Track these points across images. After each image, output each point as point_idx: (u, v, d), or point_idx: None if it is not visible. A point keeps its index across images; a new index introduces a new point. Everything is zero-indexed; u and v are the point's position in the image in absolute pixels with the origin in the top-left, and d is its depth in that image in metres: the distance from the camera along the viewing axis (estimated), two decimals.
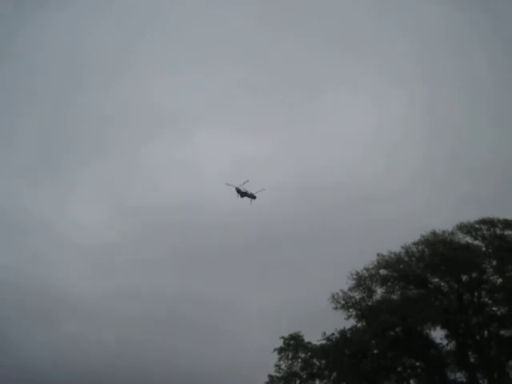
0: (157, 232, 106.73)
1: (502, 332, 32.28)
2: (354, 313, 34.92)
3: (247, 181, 34.04)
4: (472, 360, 32.93)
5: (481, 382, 33.53)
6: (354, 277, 35.05)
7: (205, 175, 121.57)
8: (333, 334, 32.75)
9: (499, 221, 34.10)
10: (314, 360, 34.66)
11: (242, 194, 34.26)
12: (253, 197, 35.32)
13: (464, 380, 33.79)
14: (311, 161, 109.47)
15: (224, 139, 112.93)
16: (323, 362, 33.14)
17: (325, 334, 33.14)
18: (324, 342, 32.97)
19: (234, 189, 34.37)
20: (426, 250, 33.64)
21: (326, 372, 34.33)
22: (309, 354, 34.91)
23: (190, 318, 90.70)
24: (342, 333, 32.37)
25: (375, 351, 30.63)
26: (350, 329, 32.90)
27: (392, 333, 30.69)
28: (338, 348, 31.03)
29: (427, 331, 32.18)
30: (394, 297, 32.64)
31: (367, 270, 34.26)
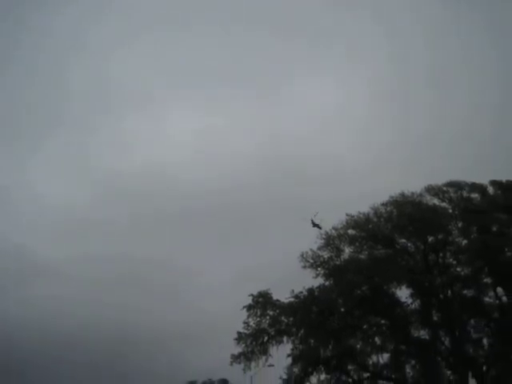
0: (121, 197, 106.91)
1: (464, 292, 33.16)
2: (322, 272, 35.42)
3: (317, 213, 35.28)
4: (435, 319, 33.84)
5: (443, 339, 34.63)
6: (323, 236, 35.44)
7: (169, 144, 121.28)
8: (301, 292, 33.17)
9: (466, 184, 34.68)
10: (282, 317, 35.12)
11: (315, 224, 35.64)
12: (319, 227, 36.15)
13: (427, 337, 34.80)
14: (274, 133, 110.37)
15: (189, 112, 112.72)
16: (291, 319, 33.60)
17: (293, 291, 33.54)
18: (292, 299, 33.40)
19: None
20: (395, 210, 34.05)
21: (294, 329, 34.88)
22: (277, 311, 35.34)
23: (153, 281, 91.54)
24: (310, 291, 32.82)
25: (342, 309, 31.09)
26: (318, 287, 33.38)
27: (359, 291, 31.21)
28: (306, 306, 31.46)
29: (393, 290, 32.88)
30: (362, 256, 33.08)
31: (336, 229, 34.62)
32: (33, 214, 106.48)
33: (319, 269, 35.43)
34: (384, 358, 36.09)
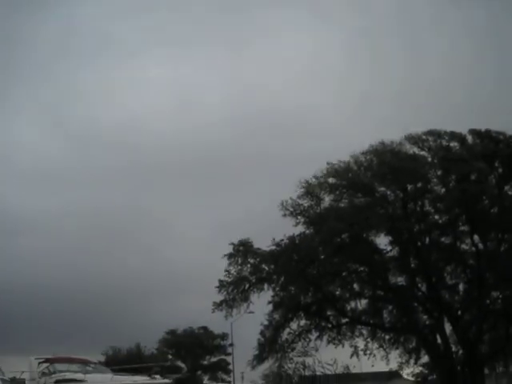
0: (96, 148, 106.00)
1: (442, 239, 33.79)
2: (302, 220, 35.77)
3: None
4: (412, 265, 34.56)
5: (420, 285, 35.46)
6: (303, 185, 35.55)
7: (144, 94, 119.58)
8: (282, 240, 33.54)
9: (446, 132, 34.76)
10: (263, 265, 35.64)
11: None
12: None
13: (404, 284, 35.61)
14: (250, 84, 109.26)
15: (166, 63, 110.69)
16: (272, 267, 34.09)
17: (274, 239, 33.92)
18: (273, 247, 33.80)
19: None
20: (375, 159, 34.14)
21: (275, 277, 35.45)
22: (258, 259, 35.83)
23: (129, 233, 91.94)
24: (291, 239, 33.18)
25: (322, 257, 31.48)
26: (299, 235, 33.75)
27: (339, 239, 31.62)
28: (287, 253, 31.82)
29: (372, 238, 33.40)
30: (342, 205, 33.35)
31: (316, 178, 34.75)
32: (4, 165, 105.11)
33: (299, 217, 35.71)
34: (362, 304, 36.99)
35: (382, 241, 33.81)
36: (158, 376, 27.87)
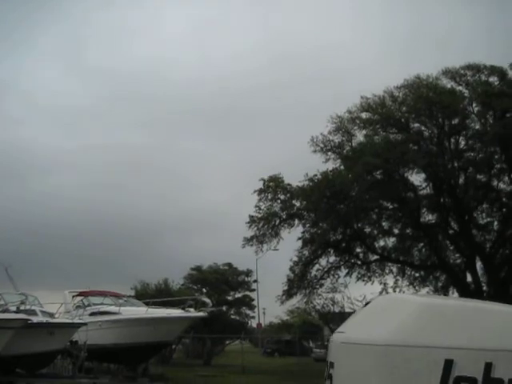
0: (118, 93, 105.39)
1: (478, 177, 33.00)
2: (333, 156, 35.21)
3: None
4: (446, 203, 33.98)
5: (452, 224, 35.00)
6: (335, 120, 34.75)
7: (166, 37, 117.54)
8: (315, 175, 33.08)
9: (485, 67, 33.36)
10: (294, 201, 35.40)
11: None
12: None
13: (436, 221, 35.18)
14: (272, 31, 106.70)
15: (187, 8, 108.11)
16: (304, 202, 33.75)
17: (307, 175, 33.46)
18: (306, 183, 33.38)
19: None
20: (410, 94, 33.10)
21: (305, 213, 35.24)
22: (288, 195, 35.55)
23: (159, 167, 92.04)
24: (325, 174, 32.69)
25: (354, 193, 30.95)
26: (332, 171, 33.24)
27: (374, 175, 31.04)
28: (320, 189, 31.36)
29: (407, 175, 32.75)
30: (376, 140, 32.56)
31: (350, 112, 33.92)
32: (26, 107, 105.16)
33: (329, 153, 35.17)
34: (392, 241, 36.78)
35: (416, 178, 33.09)
36: (191, 309, 28.19)
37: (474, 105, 32.50)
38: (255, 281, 61.74)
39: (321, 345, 48.26)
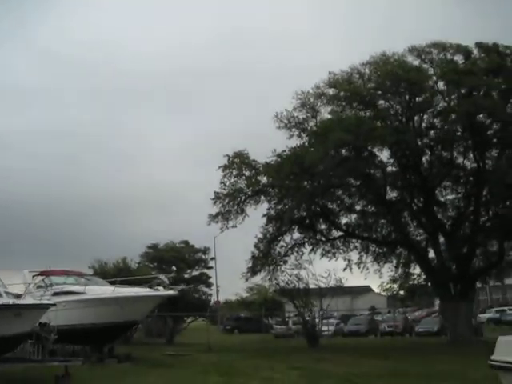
0: (65, 67, 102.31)
1: (443, 154, 33.26)
2: (297, 132, 34.90)
3: None
4: (411, 180, 34.12)
5: (415, 200, 35.23)
6: (299, 96, 34.38)
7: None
8: (284, 151, 32.68)
9: (451, 45, 33.39)
10: (259, 177, 34.96)
11: None
12: None
13: (399, 198, 35.35)
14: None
15: None
16: (270, 179, 33.33)
17: (275, 151, 33.06)
18: (274, 158, 32.94)
19: None
20: (377, 70, 32.83)
21: (271, 189, 34.86)
22: (253, 171, 35.08)
23: (105, 148, 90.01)
24: (293, 150, 32.31)
25: (322, 169, 30.60)
26: (300, 147, 32.87)
27: (343, 151, 30.82)
28: (289, 165, 30.93)
29: (375, 151, 32.66)
30: (345, 116, 32.26)
31: (317, 88, 33.51)
32: None
33: (293, 129, 34.89)
34: (356, 218, 36.85)
35: (384, 155, 33.07)
36: (160, 288, 27.49)
37: (440, 82, 32.49)
38: (213, 258, 61.21)
39: (281, 321, 48.41)
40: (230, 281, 60.35)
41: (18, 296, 23.23)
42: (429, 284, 37.81)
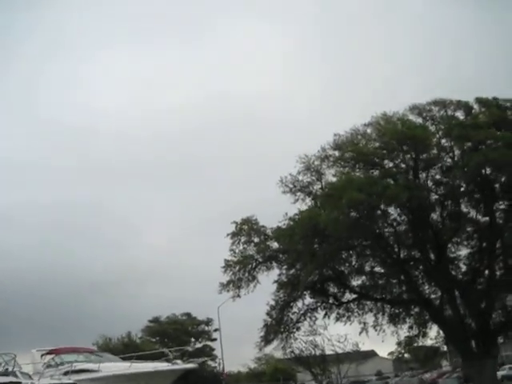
0: (65, 142, 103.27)
1: (454, 208, 32.94)
2: (302, 196, 34.74)
3: None
4: (423, 237, 33.60)
5: (429, 256, 34.62)
6: (303, 160, 34.38)
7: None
8: (296, 215, 32.32)
9: (451, 102, 33.83)
10: (269, 243, 34.47)
11: None
12: None
13: (413, 256, 34.81)
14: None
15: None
16: (285, 242, 32.85)
17: (286, 214, 32.75)
18: (286, 222, 32.56)
19: None
20: (382, 128, 32.92)
21: (281, 255, 34.26)
22: (262, 237, 34.62)
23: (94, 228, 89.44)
24: (306, 213, 31.90)
25: (336, 231, 30.08)
26: (311, 209, 32.51)
27: (356, 211, 30.40)
28: (302, 228, 30.42)
29: (386, 209, 32.28)
30: (356, 177, 32.09)
31: (323, 150, 33.54)
32: None
33: (298, 193, 34.75)
34: (370, 279, 36.11)
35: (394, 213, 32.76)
36: (179, 361, 26.40)
37: (444, 139, 32.59)
38: (216, 329, 59.92)
39: None
40: (233, 351, 58.73)
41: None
42: (443, 345, 36.87)
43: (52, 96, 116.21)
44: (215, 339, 59.28)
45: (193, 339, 59.32)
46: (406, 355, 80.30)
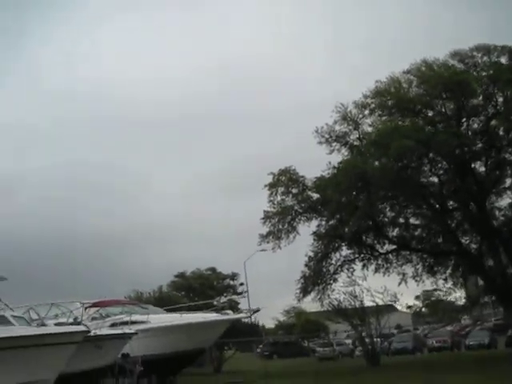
0: (78, 107, 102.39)
1: (503, 157, 31.99)
2: (337, 147, 34.11)
3: None
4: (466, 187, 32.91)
5: (471, 208, 33.96)
6: (339, 109, 33.64)
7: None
8: (340, 163, 31.69)
9: (495, 47, 32.55)
10: (309, 193, 33.98)
11: None
12: None
13: (455, 207, 34.18)
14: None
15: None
16: (320, 195, 32.36)
17: (330, 163, 32.16)
18: (329, 171, 31.99)
19: None
20: (424, 75, 31.92)
21: (319, 206, 33.76)
22: (301, 187, 34.12)
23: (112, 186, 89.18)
24: (350, 162, 31.21)
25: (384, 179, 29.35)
26: (355, 157, 31.81)
27: (404, 160, 29.63)
28: (348, 177, 29.70)
29: (434, 157, 31.46)
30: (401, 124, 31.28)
31: (365, 97, 32.70)
32: None
33: (334, 143, 34.13)
34: (408, 230, 35.61)
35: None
36: (229, 311, 26.24)
37: (489, 85, 31.51)
38: (242, 284, 60.11)
39: (326, 343, 46.73)
40: (258, 305, 58.93)
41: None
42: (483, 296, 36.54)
43: (63, 65, 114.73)
44: (241, 293, 59.29)
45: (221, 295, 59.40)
46: (423, 309, 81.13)
